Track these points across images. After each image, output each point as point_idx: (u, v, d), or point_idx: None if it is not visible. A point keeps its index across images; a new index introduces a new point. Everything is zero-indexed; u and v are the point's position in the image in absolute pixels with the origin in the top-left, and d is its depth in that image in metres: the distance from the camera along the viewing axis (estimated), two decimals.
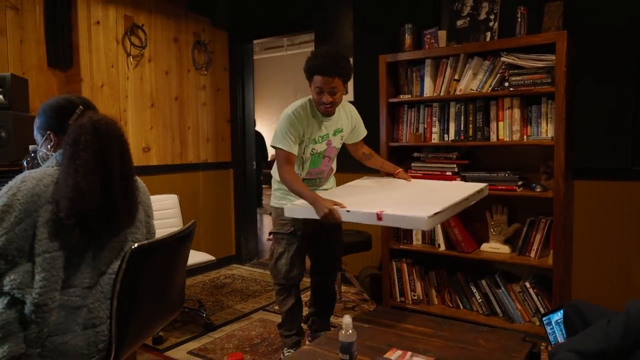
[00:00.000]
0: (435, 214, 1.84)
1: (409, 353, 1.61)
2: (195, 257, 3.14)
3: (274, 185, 2.47)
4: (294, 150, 2.25)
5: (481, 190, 2.31)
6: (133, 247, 1.43)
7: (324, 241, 2.51)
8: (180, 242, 1.70)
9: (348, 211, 1.99)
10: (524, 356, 1.62)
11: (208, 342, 2.80)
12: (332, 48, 2.29)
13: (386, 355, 1.60)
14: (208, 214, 4.29)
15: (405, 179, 2.51)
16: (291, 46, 8.80)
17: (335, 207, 2.02)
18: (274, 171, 2.41)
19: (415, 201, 2.16)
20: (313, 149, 2.34)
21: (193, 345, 2.76)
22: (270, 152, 9.82)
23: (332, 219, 2.02)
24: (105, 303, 1.43)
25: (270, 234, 2.55)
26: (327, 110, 2.26)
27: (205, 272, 4.19)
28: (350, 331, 1.56)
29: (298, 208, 2.17)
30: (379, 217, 1.89)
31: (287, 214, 2.25)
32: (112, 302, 1.42)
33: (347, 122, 2.43)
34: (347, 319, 1.57)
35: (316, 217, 2.07)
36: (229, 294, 3.69)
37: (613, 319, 1.46)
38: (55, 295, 1.32)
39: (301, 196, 2.17)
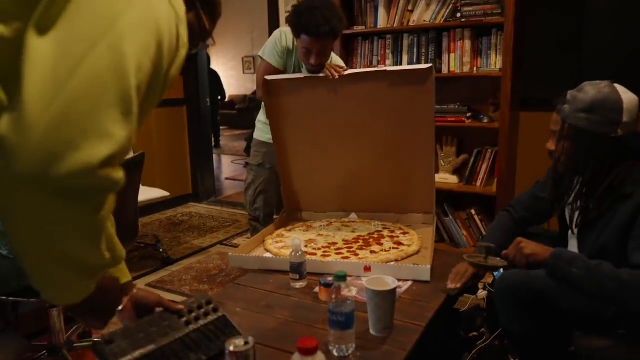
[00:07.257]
0: None
1: None
2: (150, 193, 3.12)
3: (259, 117, 2.44)
4: (275, 63, 2.17)
5: None
6: None
7: None
8: (126, 172, 1.69)
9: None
10: None
11: (166, 275, 2.84)
12: (320, 1, 1.98)
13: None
14: (163, 152, 4.21)
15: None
16: None
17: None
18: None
19: None
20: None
21: (151, 278, 2.80)
22: (228, 92, 9.57)
23: None
24: None
25: None
26: (313, 69, 2.08)
27: (162, 210, 4.17)
28: (300, 253, 1.62)
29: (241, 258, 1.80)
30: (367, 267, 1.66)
31: (231, 263, 1.85)
32: None
33: None
34: (296, 241, 1.63)
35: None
36: (187, 230, 3.71)
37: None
38: None
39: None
